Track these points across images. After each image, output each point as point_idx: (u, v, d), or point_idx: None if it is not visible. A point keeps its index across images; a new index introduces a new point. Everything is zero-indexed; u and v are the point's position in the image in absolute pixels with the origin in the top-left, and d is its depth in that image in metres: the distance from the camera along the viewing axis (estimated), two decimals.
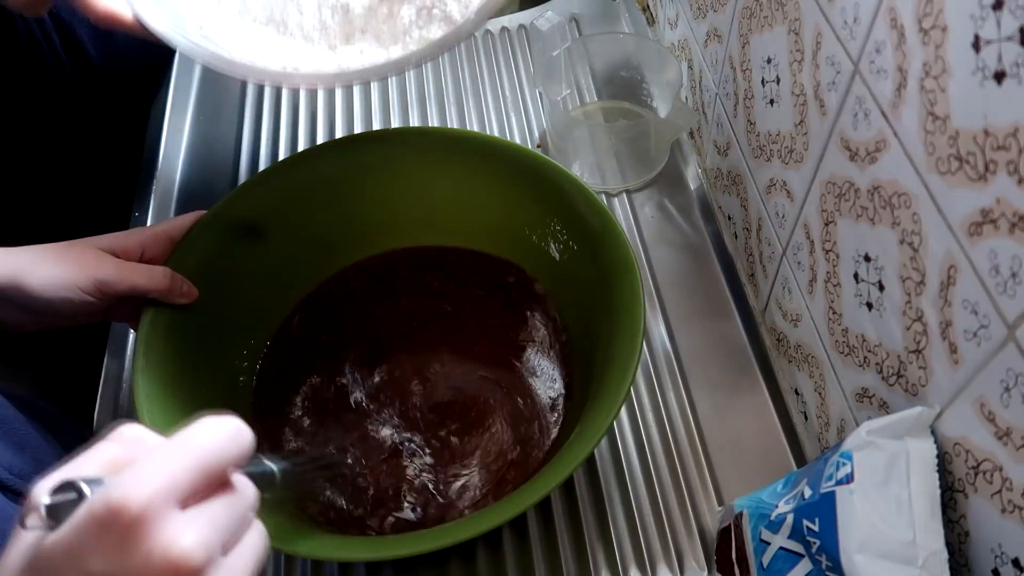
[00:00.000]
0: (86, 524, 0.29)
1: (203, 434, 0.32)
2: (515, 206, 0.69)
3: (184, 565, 0.29)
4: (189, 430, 0.32)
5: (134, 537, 0.29)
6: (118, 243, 0.59)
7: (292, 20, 0.58)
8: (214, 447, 0.32)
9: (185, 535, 0.30)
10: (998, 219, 0.38)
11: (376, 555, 0.53)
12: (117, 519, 0.29)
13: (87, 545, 0.29)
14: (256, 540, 0.34)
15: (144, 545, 0.29)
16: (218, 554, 0.31)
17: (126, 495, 0.29)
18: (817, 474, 0.49)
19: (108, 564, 0.29)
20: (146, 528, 0.29)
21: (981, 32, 0.37)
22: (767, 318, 0.73)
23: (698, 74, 0.82)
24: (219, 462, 0.32)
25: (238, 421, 0.34)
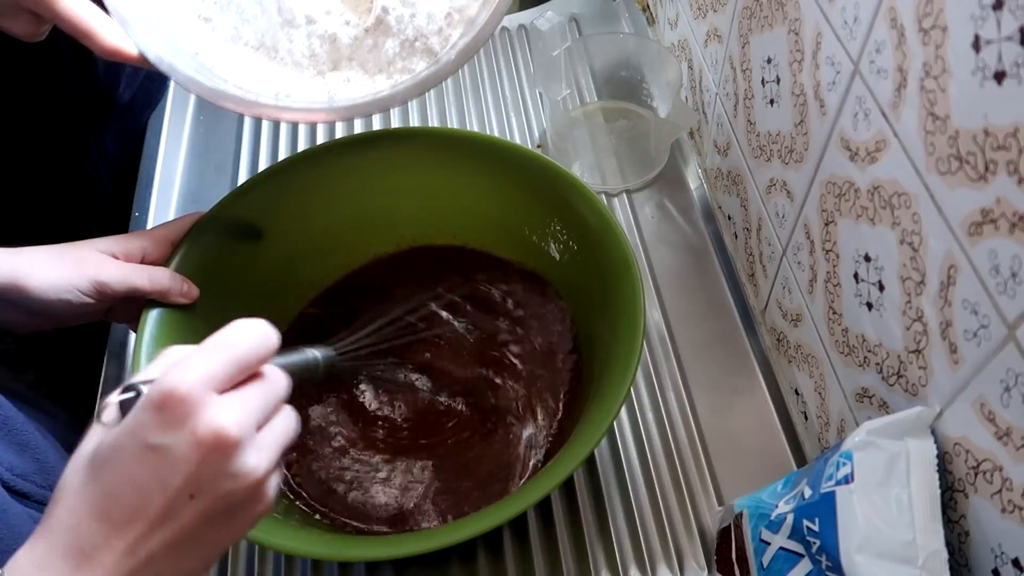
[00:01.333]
0: (143, 408, 0.36)
1: (235, 334, 0.38)
2: (515, 206, 0.69)
3: (223, 435, 0.36)
4: (223, 331, 0.38)
5: (182, 414, 0.35)
6: (119, 245, 0.59)
7: (283, 47, 0.60)
8: (244, 344, 0.38)
9: (223, 413, 0.36)
10: (998, 219, 0.38)
11: (376, 555, 0.53)
12: (168, 400, 0.35)
13: (145, 424, 0.35)
14: (285, 420, 0.40)
15: (191, 420, 0.35)
16: (252, 429, 0.38)
17: (174, 382, 0.35)
18: (817, 474, 0.49)
19: (162, 437, 0.35)
20: (191, 407, 0.35)
21: (981, 32, 0.37)
22: (767, 318, 0.73)
23: (698, 74, 0.82)
24: (249, 356, 0.38)
25: (265, 324, 0.39)
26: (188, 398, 0.35)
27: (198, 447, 0.35)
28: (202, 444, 0.35)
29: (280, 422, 0.40)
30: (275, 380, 0.40)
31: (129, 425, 0.36)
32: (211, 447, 0.36)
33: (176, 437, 0.35)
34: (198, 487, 0.36)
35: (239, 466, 0.37)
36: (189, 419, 0.35)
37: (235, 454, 0.36)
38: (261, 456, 0.38)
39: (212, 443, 0.36)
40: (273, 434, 0.39)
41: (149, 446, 0.35)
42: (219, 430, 0.36)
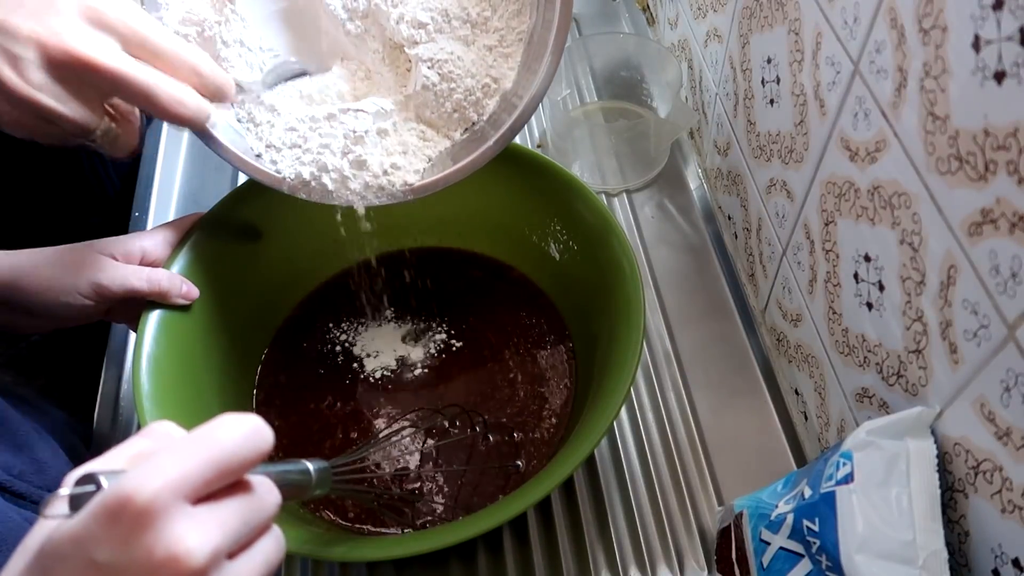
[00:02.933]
0: (96, 513, 0.29)
1: (221, 430, 0.32)
2: (515, 206, 0.69)
3: (185, 563, 0.29)
4: (208, 426, 0.32)
5: (139, 529, 0.29)
6: (118, 246, 0.59)
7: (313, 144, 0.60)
8: (231, 444, 0.32)
9: (190, 533, 0.30)
10: (998, 219, 0.38)
11: (377, 555, 0.53)
12: (125, 509, 0.29)
13: (94, 534, 0.29)
14: (270, 547, 0.34)
15: (148, 538, 0.29)
16: (223, 556, 0.31)
17: (136, 486, 0.29)
18: (817, 474, 0.49)
19: (111, 554, 0.29)
20: (152, 521, 0.29)
21: (981, 32, 0.37)
22: (767, 318, 0.73)
23: (698, 74, 0.82)
24: (235, 460, 0.32)
25: (258, 420, 0.33)
26: (149, 507, 0.29)
27: (151, 573, 0.29)
28: (157, 571, 0.29)
29: (262, 548, 0.33)
30: (263, 494, 0.34)
31: (74, 531, 0.30)
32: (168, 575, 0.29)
33: (127, 556, 0.29)
34: None
35: None
36: (146, 535, 0.29)
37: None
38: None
39: (170, 571, 0.29)
40: (251, 563, 0.33)
41: (94, 563, 0.29)
42: (180, 555, 0.29)
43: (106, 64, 0.45)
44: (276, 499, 0.34)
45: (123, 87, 0.46)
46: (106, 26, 0.45)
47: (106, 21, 0.45)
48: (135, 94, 0.47)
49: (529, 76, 0.60)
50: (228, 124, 0.59)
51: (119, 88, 0.46)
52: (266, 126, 0.60)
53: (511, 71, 0.61)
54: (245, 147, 0.59)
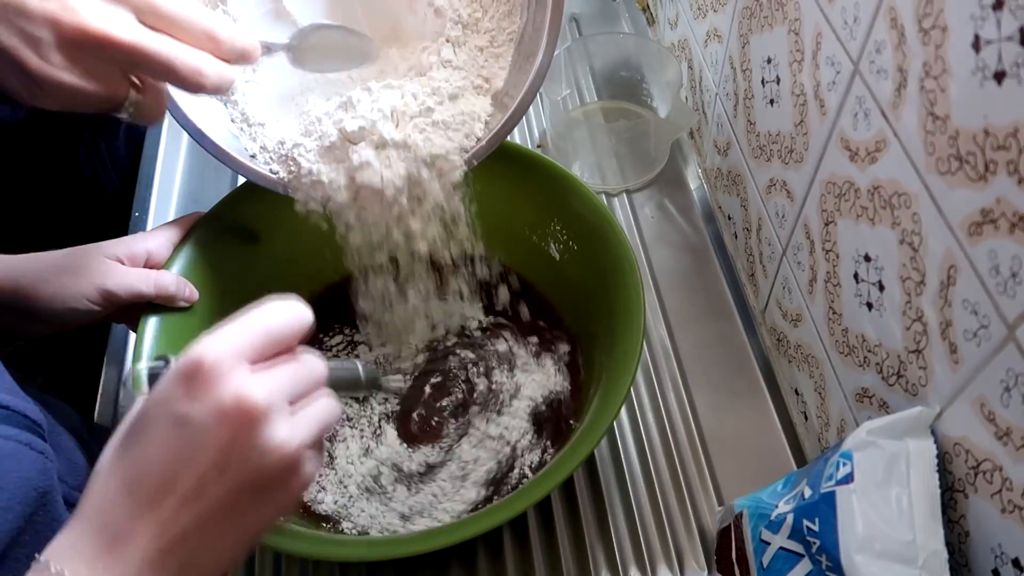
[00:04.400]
0: (172, 377, 0.36)
1: (268, 309, 0.38)
2: (515, 206, 0.69)
3: (250, 404, 0.35)
4: (257, 307, 0.38)
5: (209, 382, 0.35)
6: (123, 248, 0.59)
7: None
8: (277, 319, 0.38)
9: (252, 383, 0.35)
10: (998, 219, 0.38)
11: (376, 555, 0.53)
12: (196, 369, 0.35)
13: (173, 393, 0.35)
14: (325, 404, 0.39)
15: (217, 389, 0.35)
16: (282, 404, 0.37)
17: (203, 351, 0.35)
18: (817, 474, 0.49)
19: (189, 406, 0.35)
20: (219, 375, 0.35)
21: (981, 32, 0.37)
22: (767, 318, 0.73)
23: (698, 74, 0.82)
24: (282, 332, 0.38)
25: (299, 301, 0.39)
26: (216, 367, 0.35)
27: (223, 418, 0.34)
28: (227, 415, 0.35)
29: (318, 403, 0.39)
30: (311, 362, 0.39)
31: (157, 395, 0.36)
32: (236, 417, 0.35)
33: (202, 408, 0.35)
34: (225, 461, 0.35)
35: (267, 439, 0.35)
36: (215, 389, 0.35)
37: (262, 425, 0.35)
38: (293, 430, 0.36)
39: (238, 414, 0.35)
40: (309, 412, 0.38)
41: (176, 417, 0.35)
42: (245, 400, 0.35)
43: (122, 38, 0.44)
44: (323, 367, 0.40)
45: (141, 60, 0.46)
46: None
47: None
48: (153, 67, 0.46)
49: (520, 76, 0.60)
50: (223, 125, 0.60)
51: (137, 61, 0.46)
52: (258, 127, 0.60)
53: (502, 71, 0.62)
54: (239, 148, 0.59)
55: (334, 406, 0.40)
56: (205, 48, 0.48)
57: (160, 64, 0.46)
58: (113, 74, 0.46)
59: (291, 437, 0.36)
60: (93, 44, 0.44)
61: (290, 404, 0.37)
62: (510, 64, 0.62)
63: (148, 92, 0.50)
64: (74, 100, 0.46)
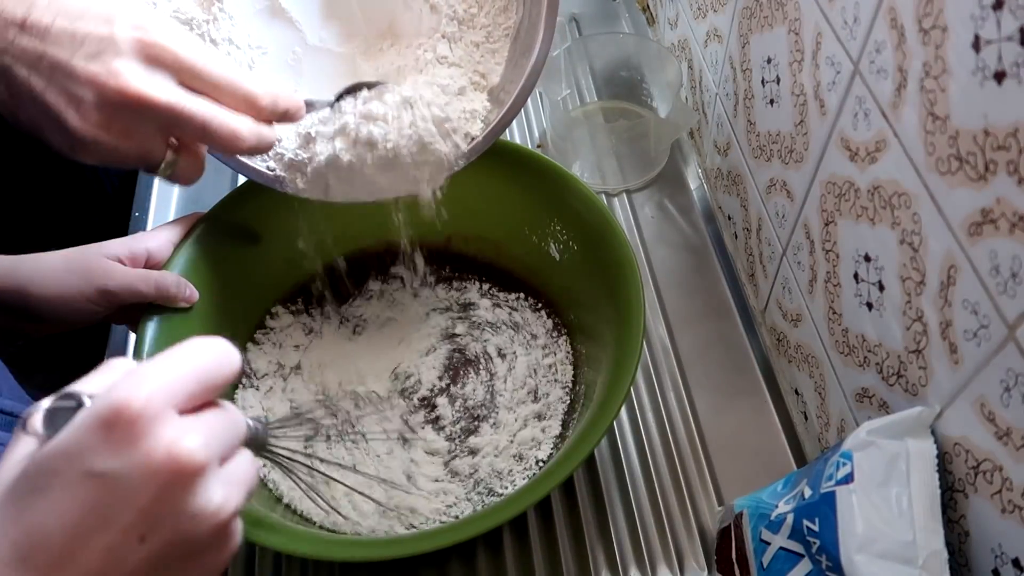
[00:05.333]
0: (87, 424, 0.30)
1: (196, 349, 0.33)
2: (515, 206, 0.69)
3: (186, 461, 0.30)
4: (180, 346, 0.33)
5: (137, 434, 0.29)
6: (124, 248, 0.59)
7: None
8: (208, 361, 0.33)
9: (187, 434, 0.31)
10: (998, 219, 0.38)
11: (376, 555, 0.53)
12: (119, 417, 0.29)
13: (88, 445, 0.30)
14: (248, 460, 0.35)
15: (147, 442, 0.30)
16: (216, 460, 0.32)
17: (128, 394, 0.30)
18: (817, 474, 0.49)
19: (110, 462, 0.29)
20: (148, 425, 0.30)
21: (981, 32, 0.37)
22: (767, 318, 0.73)
23: (698, 74, 0.82)
24: (213, 375, 0.33)
25: (226, 342, 0.34)
26: (143, 415, 0.30)
27: (153, 475, 0.30)
28: (158, 472, 0.30)
29: (244, 459, 0.35)
30: (234, 412, 0.35)
31: (66, 445, 0.30)
32: (169, 475, 0.30)
33: (126, 462, 0.29)
34: (150, 526, 0.30)
35: (203, 502, 0.31)
36: (143, 440, 0.29)
37: (198, 486, 0.31)
38: (227, 491, 0.32)
39: (172, 470, 0.30)
40: (238, 468, 0.34)
41: (91, 474, 0.29)
42: (180, 454, 0.30)
43: (160, 100, 0.45)
44: (243, 419, 0.35)
45: (178, 122, 0.47)
46: (161, 62, 0.46)
47: (161, 57, 0.46)
48: (190, 129, 0.47)
49: (517, 72, 0.60)
50: None
51: (174, 123, 0.47)
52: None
53: (498, 66, 0.62)
54: None
55: (255, 467, 0.35)
56: (245, 112, 0.49)
57: (196, 127, 0.47)
58: (151, 135, 0.48)
59: (226, 500, 0.32)
60: (132, 105, 0.45)
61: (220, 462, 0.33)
62: (506, 60, 0.62)
63: (186, 153, 0.50)
64: (112, 157, 0.47)
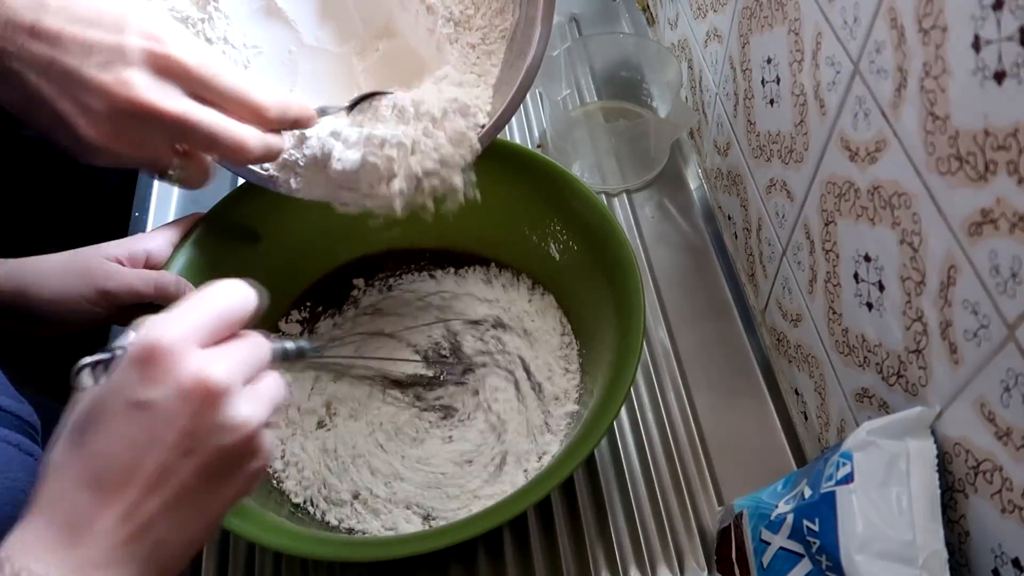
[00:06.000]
0: (126, 365, 0.35)
1: (214, 292, 0.38)
2: (515, 206, 0.69)
3: (212, 383, 0.35)
4: (202, 290, 0.38)
5: (167, 365, 0.35)
6: (123, 249, 0.59)
7: None
8: (225, 301, 0.38)
9: (212, 362, 0.36)
10: (998, 219, 0.38)
11: (376, 555, 0.53)
12: (152, 353, 0.35)
13: (129, 379, 0.35)
14: (274, 380, 0.39)
15: (176, 370, 0.35)
16: (240, 380, 0.37)
17: (158, 335, 0.35)
18: (817, 474, 0.49)
19: (149, 392, 0.34)
20: (176, 357, 0.35)
21: (981, 32, 0.37)
22: (767, 318, 0.73)
23: (698, 74, 0.82)
24: (231, 313, 0.38)
25: (243, 283, 0.39)
26: (172, 350, 0.35)
27: (187, 399, 0.34)
28: (191, 395, 0.34)
29: (268, 381, 0.39)
30: (259, 341, 0.39)
31: (112, 384, 0.35)
32: (200, 398, 0.35)
33: (163, 391, 0.34)
34: (191, 442, 0.35)
35: (231, 416, 0.36)
36: (174, 371, 0.34)
37: (225, 404, 0.35)
38: (253, 407, 0.37)
39: (201, 393, 0.35)
40: (263, 387, 0.38)
41: (135, 403, 0.34)
42: (207, 379, 0.35)
43: (168, 110, 0.46)
44: (268, 346, 0.40)
45: (187, 133, 0.48)
46: (171, 72, 0.46)
47: (171, 67, 0.46)
48: (199, 140, 0.48)
49: (513, 73, 0.60)
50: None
51: (183, 134, 0.48)
52: None
53: (494, 68, 0.62)
54: None
55: (281, 383, 0.40)
56: (253, 122, 0.50)
57: (204, 137, 0.48)
58: (159, 144, 0.49)
59: (253, 414, 0.37)
60: (142, 116, 0.46)
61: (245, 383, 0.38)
62: (502, 61, 0.62)
63: (193, 161, 0.52)
64: (121, 162, 0.49)
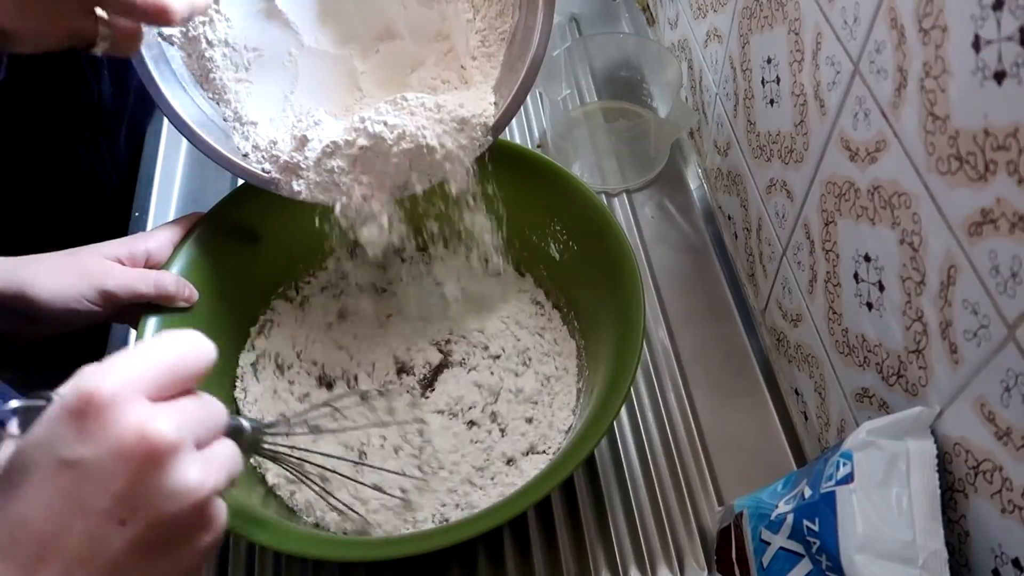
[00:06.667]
0: (59, 415, 0.30)
1: (167, 340, 0.34)
2: (515, 206, 0.69)
3: (158, 441, 0.30)
4: (152, 338, 0.34)
5: (106, 419, 0.30)
6: (123, 249, 0.59)
7: None
8: (177, 350, 0.33)
9: (158, 416, 0.31)
10: (998, 219, 0.38)
11: (376, 555, 0.53)
12: (89, 404, 0.30)
13: (60, 435, 0.30)
14: (231, 450, 0.35)
15: (116, 426, 0.30)
16: (190, 441, 0.32)
17: (96, 383, 0.30)
18: (817, 474, 0.49)
19: (81, 449, 0.30)
20: (118, 409, 0.30)
21: (981, 32, 0.37)
22: (767, 318, 0.73)
23: (698, 74, 0.82)
24: (185, 364, 0.33)
25: (199, 334, 0.35)
26: (113, 400, 0.30)
27: (125, 458, 0.29)
28: (130, 454, 0.30)
29: (223, 447, 0.34)
30: (213, 403, 0.34)
31: (38, 437, 0.30)
32: (140, 455, 0.30)
33: (97, 448, 0.29)
34: (129, 509, 0.30)
35: (178, 480, 0.30)
36: (113, 425, 0.30)
37: (172, 465, 0.30)
38: (204, 471, 0.32)
39: (143, 451, 0.30)
40: (216, 452, 0.34)
41: (64, 461, 0.29)
42: (151, 435, 0.30)
43: None
44: (224, 409, 0.35)
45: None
46: None
47: None
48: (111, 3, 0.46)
49: (512, 76, 0.60)
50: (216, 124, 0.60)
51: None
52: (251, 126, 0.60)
53: (494, 70, 0.62)
54: (232, 147, 0.59)
55: (238, 453, 0.35)
56: None
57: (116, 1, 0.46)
58: (72, 12, 0.46)
59: (205, 479, 0.31)
60: None
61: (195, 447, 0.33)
62: (501, 64, 0.62)
63: (119, 28, 0.48)
64: (44, 41, 0.46)
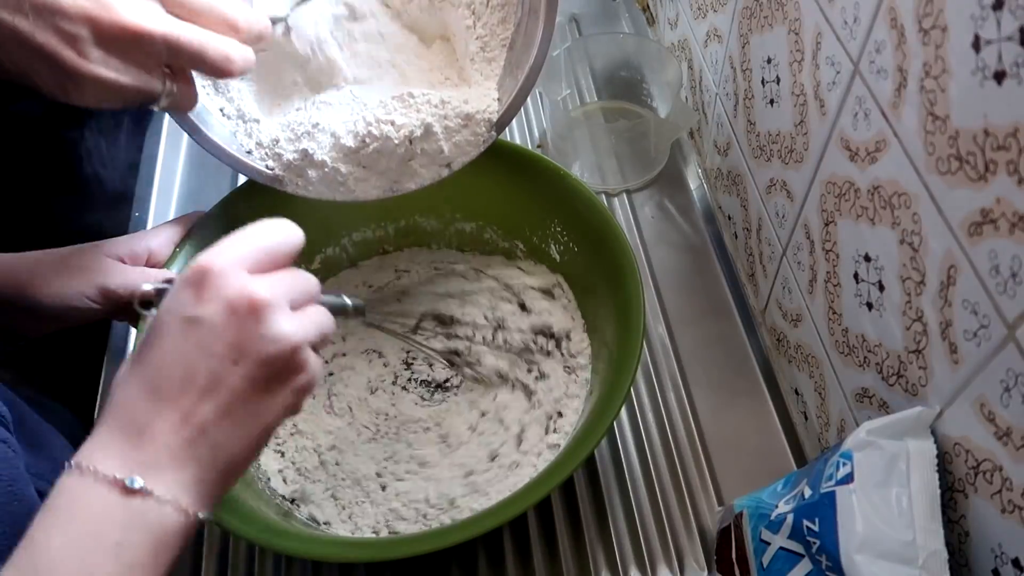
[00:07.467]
0: (179, 287, 0.40)
1: (262, 228, 0.42)
2: (515, 206, 0.69)
3: (255, 299, 0.39)
4: (249, 227, 0.42)
5: (216, 285, 0.39)
6: (124, 247, 0.59)
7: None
8: (271, 236, 0.42)
9: (256, 281, 0.40)
10: (998, 219, 0.38)
11: (376, 556, 0.53)
12: (204, 276, 0.39)
13: (183, 300, 0.39)
14: (321, 312, 0.43)
15: (225, 289, 0.39)
16: (284, 300, 0.40)
17: (207, 260, 0.39)
18: (817, 474, 0.49)
19: (200, 308, 0.39)
20: (226, 278, 0.39)
21: (981, 32, 0.37)
22: (767, 318, 0.73)
23: (698, 74, 0.82)
24: (278, 247, 0.42)
25: (289, 222, 0.43)
26: (221, 273, 0.39)
27: (233, 313, 0.38)
28: (236, 310, 0.38)
29: (314, 310, 0.42)
30: (305, 275, 0.42)
31: (167, 305, 0.40)
32: (245, 312, 0.38)
33: (212, 307, 0.38)
34: (239, 352, 0.39)
35: (274, 330, 0.39)
36: (222, 289, 0.39)
37: (268, 318, 0.39)
38: (296, 324, 0.40)
39: (245, 307, 0.38)
40: (309, 312, 0.42)
41: (188, 319, 0.39)
42: (251, 294, 0.39)
43: (156, 30, 0.45)
44: (315, 281, 0.43)
45: (175, 51, 0.47)
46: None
47: None
48: (187, 56, 0.47)
49: (511, 81, 0.61)
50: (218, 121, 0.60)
51: (172, 52, 0.47)
52: (253, 123, 0.60)
53: (494, 73, 0.62)
54: (236, 144, 0.59)
55: (329, 316, 0.43)
56: (228, 34, 0.49)
57: (193, 53, 0.47)
58: (148, 66, 0.47)
59: (295, 330, 0.40)
60: (131, 38, 0.45)
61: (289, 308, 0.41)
62: (503, 69, 0.63)
63: (181, 81, 0.50)
64: (110, 95, 0.47)
